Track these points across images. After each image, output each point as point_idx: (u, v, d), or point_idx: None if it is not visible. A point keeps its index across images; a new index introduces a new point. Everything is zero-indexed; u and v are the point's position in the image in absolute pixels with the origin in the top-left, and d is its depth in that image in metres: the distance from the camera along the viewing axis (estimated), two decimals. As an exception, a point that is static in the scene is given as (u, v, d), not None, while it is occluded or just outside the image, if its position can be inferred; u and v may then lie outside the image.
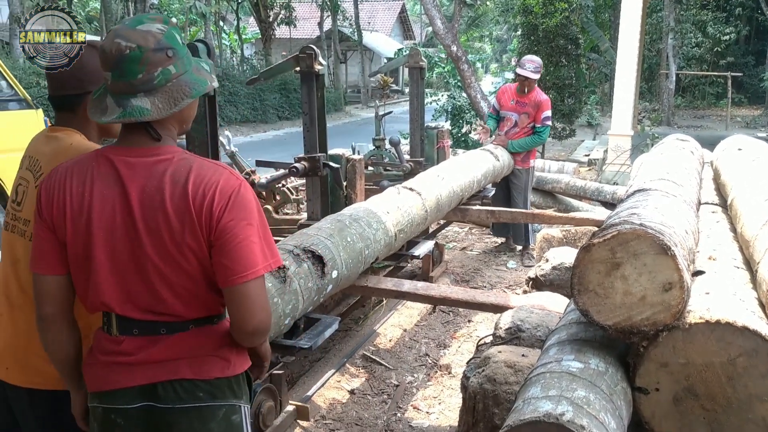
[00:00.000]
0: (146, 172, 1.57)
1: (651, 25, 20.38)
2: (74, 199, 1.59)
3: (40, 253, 1.63)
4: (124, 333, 1.62)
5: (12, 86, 6.43)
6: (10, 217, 1.88)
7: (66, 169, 1.62)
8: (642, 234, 1.93)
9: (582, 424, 1.69)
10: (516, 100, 6.07)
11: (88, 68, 1.84)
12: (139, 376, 1.61)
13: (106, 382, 1.63)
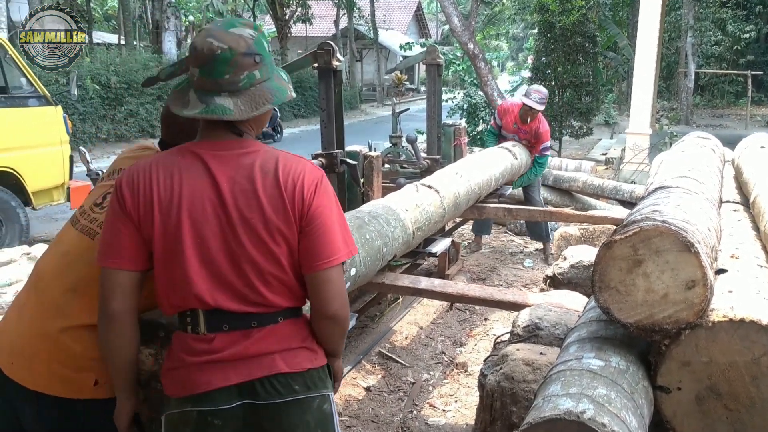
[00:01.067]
0: (234, 163, 1.62)
1: (669, 23, 20.19)
2: (162, 192, 1.60)
3: (116, 248, 1.60)
4: (213, 330, 1.63)
5: (32, 83, 6.50)
6: (87, 219, 1.88)
7: (149, 164, 1.63)
8: (665, 231, 1.91)
9: (603, 422, 1.67)
10: (518, 125, 5.98)
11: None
12: (235, 374, 1.61)
13: (199, 384, 1.61)
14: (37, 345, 1.74)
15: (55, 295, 1.77)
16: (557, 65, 11.75)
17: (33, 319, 1.77)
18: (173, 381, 1.65)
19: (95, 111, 14.84)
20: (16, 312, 1.83)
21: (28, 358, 1.74)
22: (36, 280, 1.84)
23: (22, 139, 6.34)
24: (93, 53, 17.47)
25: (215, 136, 1.64)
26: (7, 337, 1.79)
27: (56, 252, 1.87)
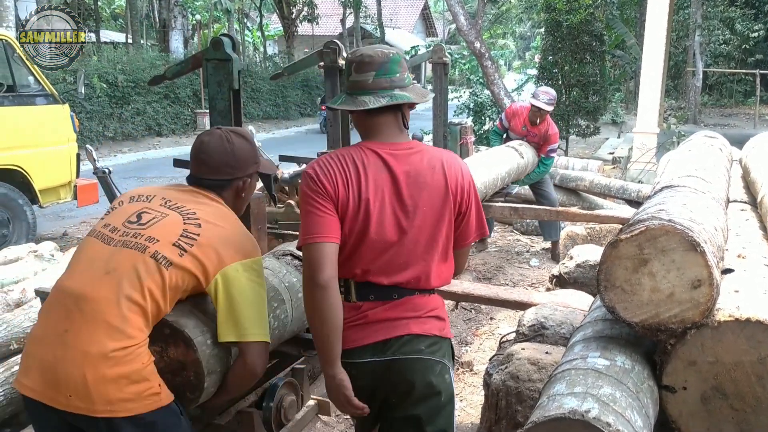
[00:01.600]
0: (406, 160, 1.95)
1: (677, 22, 20.12)
2: (353, 181, 1.90)
3: (322, 226, 1.86)
4: (362, 299, 1.97)
5: (39, 82, 6.52)
6: (127, 235, 1.83)
7: (339, 158, 1.93)
8: (671, 230, 1.90)
9: (608, 421, 1.67)
10: (527, 128, 5.95)
11: (241, 157, 2.07)
12: (374, 334, 1.95)
13: (347, 341, 1.93)
14: (97, 371, 1.67)
15: (109, 316, 1.71)
16: (564, 64, 11.72)
17: (87, 344, 1.69)
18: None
19: (102, 109, 14.89)
20: (58, 340, 1.72)
21: (91, 386, 1.67)
22: (79, 302, 1.73)
23: (29, 137, 6.36)
24: (100, 52, 17.54)
25: (386, 136, 1.97)
26: (56, 370, 1.69)
27: (96, 271, 1.77)
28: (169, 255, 1.79)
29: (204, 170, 2.03)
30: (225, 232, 1.90)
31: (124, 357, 1.70)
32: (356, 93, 1.95)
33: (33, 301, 3.89)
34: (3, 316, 3.76)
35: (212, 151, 2.03)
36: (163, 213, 1.89)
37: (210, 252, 1.83)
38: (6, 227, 6.26)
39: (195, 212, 1.90)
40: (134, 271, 1.75)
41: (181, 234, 1.83)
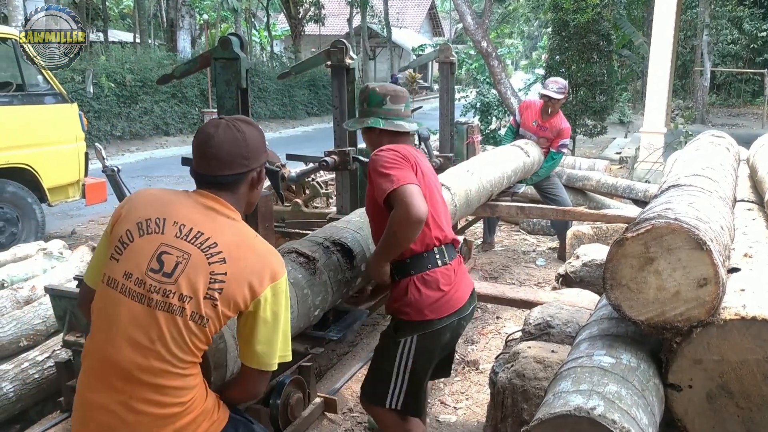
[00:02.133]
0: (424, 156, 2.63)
1: (685, 22, 20.03)
2: (416, 162, 2.45)
3: (412, 176, 2.33)
4: (451, 259, 2.50)
5: (48, 81, 6.56)
6: (149, 289, 1.68)
7: (404, 149, 2.44)
8: (677, 228, 1.91)
9: (613, 418, 1.68)
10: (538, 123, 5.89)
11: (252, 146, 1.87)
12: (467, 287, 2.56)
13: (458, 300, 2.48)
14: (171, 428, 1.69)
15: (167, 380, 1.68)
16: (571, 63, 11.70)
17: (154, 409, 1.67)
18: (434, 308, 2.40)
19: (110, 108, 14.95)
20: (122, 408, 1.67)
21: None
22: (133, 374, 1.67)
23: (38, 136, 6.40)
24: (108, 51, 17.61)
25: (407, 141, 2.59)
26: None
27: (140, 339, 1.67)
28: (205, 312, 1.68)
29: (215, 166, 1.81)
30: (250, 262, 1.75)
31: (191, 406, 1.71)
32: (392, 118, 2.56)
33: (42, 298, 3.92)
34: (12, 313, 3.79)
35: (222, 143, 1.82)
36: (185, 253, 1.70)
37: (240, 289, 1.72)
38: (15, 225, 6.30)
39: (215, 243, 1.73)
40: (179, 336, 1.67)
41: (209, 281, 1.69)
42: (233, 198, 1.85)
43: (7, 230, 6.25)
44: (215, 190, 1.83)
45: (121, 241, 1.74)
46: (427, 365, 2.49)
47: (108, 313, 1.71)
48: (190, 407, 1.71)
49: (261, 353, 1.78)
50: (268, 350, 1.78)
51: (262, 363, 1.79)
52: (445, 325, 2.42)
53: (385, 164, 2.34)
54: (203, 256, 1.71)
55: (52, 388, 3.41)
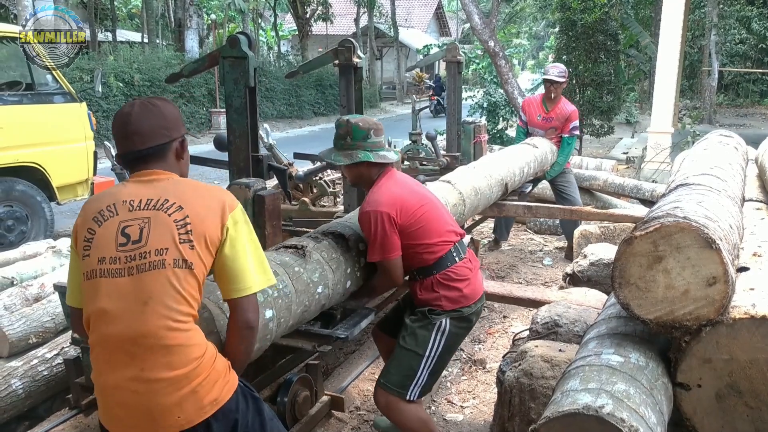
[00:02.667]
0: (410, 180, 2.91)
1: (693, 21, 19.95)
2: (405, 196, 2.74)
3: (396, 247, 2.67)
4: (465, 252, 2.78)
5: (57, 80, 6.59)
6: (125, 260, 1.74)
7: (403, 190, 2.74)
8: (686, 227, 1.90)
9: (622, 417, 1.68)
10: (542, 116, 5.84)
11: (171, 117, 1.94)
12: (481, 278, 2.86)
13: (479, 290, 2.78)
14: (185, 390, 1.72)
15: (171, 341, 1.72)
16: (578, 63, 11.67)
17: (166, 372, 1.70)
18: (463, 297, 2.69)
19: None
20: (136, 383, 1.70)
21: (185, 404, 1.72)
22: (138, 342, 1.70)
23: (47, 135, 6.43)
24: (116, 51, 17.68)
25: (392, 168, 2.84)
26: (149, 409, 1.71)
27: (133, 306, 1.72)
28: (186, 255, 1.75)
29: (138, 141, 1.87)
30: (203, 201, 1.84)
31: (200, 366, 1.74)
32: (377, 150, 2.77)
33: (51, 295, 3.94)
34: (22, 311, 3.81)
35: (141, 118, 1.88)
36: (143, 218, 1.79)
37: (206, 224, 1.80)
38: (25, 223, 6.34)
39: (166, 199, 1.81)
40: (170, 287, 1.73)
41: (176, 228, 1.77)
42: (165, 167, 1.91)
43: (17, 228, 6.28)
44: (144, 165, 1.89)
45: (86, 239, 1.81)
46: (453, 352, 2.81)
47: (94, 295, 1.76)
48: (200, 368, 1.74)
49: (239, 279, 1.83)
50: (244, 275, 1.84)
51: (243, 288, 1.84)
52: (473, 311, 2.73)
53: (374, 234, 2.64)
54: (160, 213, 1.79)
55: (60, 385, 3.43)
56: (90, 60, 15.34)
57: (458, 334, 2.73)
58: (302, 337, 2.75)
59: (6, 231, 6.21)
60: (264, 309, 2.20)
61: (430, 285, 2.70)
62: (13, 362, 3.45)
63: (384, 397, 2.71)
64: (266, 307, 2.23)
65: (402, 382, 2.68)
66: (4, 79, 6.85)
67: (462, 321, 2.71)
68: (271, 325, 2.27)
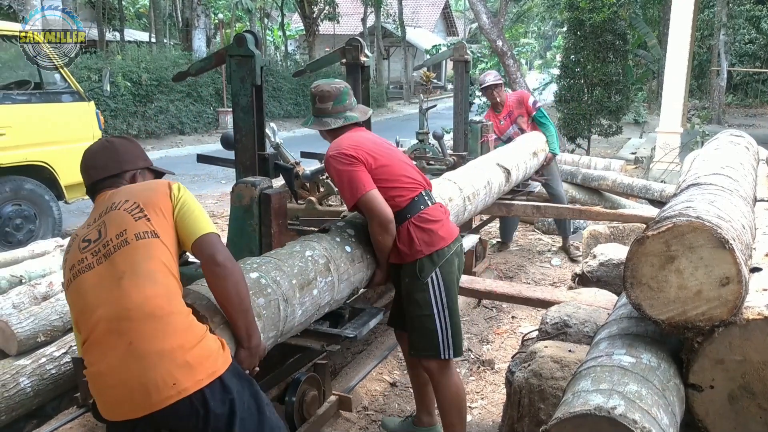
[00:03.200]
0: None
1: (702, 21, 19.84)
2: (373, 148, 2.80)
3: (366, 181, 2.68)
4: (435, 200, 2.89)
5: (65, 79, 6.61)
6: (93, 254, 1.87)
7: (360, 138, 2.82)
8: (699, 226, 1.88)
9: (634, 418, 1.66)
10: (502, 118, 6.01)
11: (123, 151, 2.17)
12: (455, 226, 2.94)
13: (454, 230, 2.88)
14: (179, 358, 1.73)
15: (156, 309, 1.76)
16: (587, 63, 11.62)
17: (157, 344, 1.73)
18: (441, 236, 2.77)
19: (126, 107, 15.04)
20: (126, 357, 1.72)
21: (177, 373, 1.73)
22: (122, 318, 1.75)
23: (55, 133, 6.45)
24: (124, 51, 17.71)
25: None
26: (143, 380, 1.71)
27: (110, 287, 1.80)
28: (146, 227, 1.89)
29: (93, 174, 2.10)
30: (147, 186, 2.05)
31: (192, 336, 1.78)
32: (321, 116, 2.89)
33: (59, 294, 3.95)
34: (30, 309, 3.82)
35: (94, 154, 2.14)
36: (99, 221, 1.95)
37: (155, 200, 1.96)
38: (33, 222, 6.35)
39: (113, 202, 1.98)
40: (141, 258, 1.82)
41: (129, 211, 1.92)
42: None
43: (25, 227, 6.30)
44: (101, 192, 2.09)
45: (65, 281, 1.96)
46: (455, 296, 2.86)
47: (77, 298, 1.87)
48: (192, 337, 1.77)
49: (194, 225, 1.96)
50: (198, 222, 1.97)
51: (199, 230, 1.95)
52: (454, 251, 2.82)
53: (340, 176, 2.71)
54: (112, 212, 1.94)
55: (68, 384, 3.44)
56: (98, 59, 15.37)
57: (450, 280, 2.80)
58: (311, 337, 2.74)
59: (14, 230, 6.23)
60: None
61: (406, 232, 2.76)
62: (21, 360, 3.46)
63: (426, 363, 2.86)
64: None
65: (429, 345, 2.80)
66: (13, 78, 6.88)
67: (447, 265, 2.78)
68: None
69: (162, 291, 1.80)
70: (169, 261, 1.88)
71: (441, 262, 2.76)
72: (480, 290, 3.59)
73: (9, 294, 4.01)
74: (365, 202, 2.69)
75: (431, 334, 2.79)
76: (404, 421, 3.25)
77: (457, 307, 2.86)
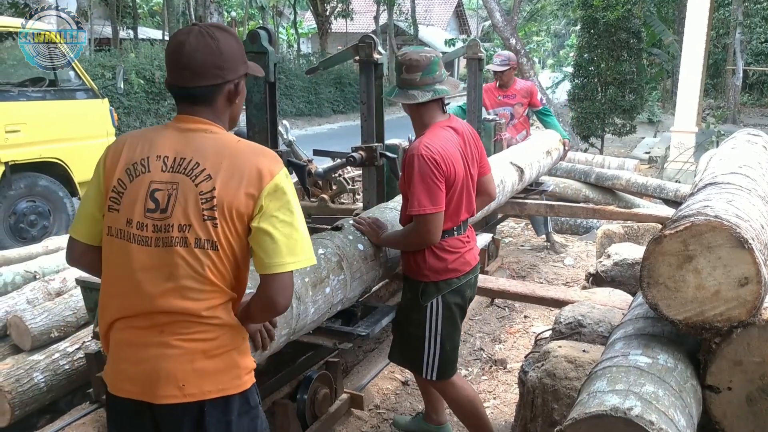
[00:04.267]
0: (459, 125, 2.74)
1: (718, 20, 19.67)
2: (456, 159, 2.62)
3: (441, 200, 2.54)
4: (466, 230, 2.76)
5: (80, 76, 6.65)
6: (152, 229, 1.66)
7: (452, 145, 2.62)
8: (717, 226, 1.86)
9: (651, 419, 1.64)
10: (502, 96, 6.05)
11: (227, 55, 1.73)
12: (475, 255, 2.81)
13: (467, 265, 2.71)
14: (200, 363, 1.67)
15: (193, 317, 1.67)
16: (600, 61, 11.55)
17: (189, 344, 1.66)
18: (454, 267, 2.65)
19: (139, 105, 15.13)
20: (154, 346, 1.67)
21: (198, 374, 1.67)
22: (160, 316, 1.66)
23: (69, 130, 6.48)
24: (138, 48, 17.80)
25: (437, 115, 2.71)
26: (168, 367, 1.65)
27: (157, 280, 1.66)
28: (210, 234, 1.64)
29: (187, 76, 1.71)
30: (237, 169, 1.67)
31: (219, 347, 1.69)
32: (406, 87, 2.63)
33: (73, 290, 3.96)
34: (44, 305, 3.84)
35: (194, 51, 1.69)
36: (172, 183, 1.66)
37: (235, 199, 1.65)
38: (47, 218, 6.40)
39: (198, 163, 1.67)
40: (191, 268, 1.65)
41: (201, 202, 1.64)
42: (211, 112, 1.75)
43: (39, 223, 6.34)
44: (190, 104, 1.75)
45: (115, 190, 1.70)
46: (455, 324, 2.75)
47: (119, 263, 1.68)
48: (219, 349, 1.68)
49: (270, 255, 1.66)
50: (276, 251, 1.66)
51: (273, 265, 1.66)
52: (466, 281, 2.71)
53: (423, 178, 2.51)
54: (189, 180, 1.66)
55: (81, 380, 3.45)
56: (112, 57, 15.47)
57: (453, 310, 2.69)
58: (323, 334, 2.74)
59: (29, 226, 6.28)
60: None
61: (422, 254, 2.65)
62: (35, 356, 3.47)
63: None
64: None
65: (412, 359, 2.78)
66: (28, 75, 6.92)
67: (453, 295, 2.68)
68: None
69: (207, 305, 1.67)
70: (225, 272, 1.69)
71: (446, 291, 2.66)
72: (493, 289, 3.57)
73: (23, 289, 4.03)
74: (428, 220, 2.52)
75: (417, 353, 2.73)
76: (415, 418, 3.25)
77: (455, 335, 2.77)
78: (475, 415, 2.85)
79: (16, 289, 4.08)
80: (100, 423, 3.09)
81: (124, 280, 1.68)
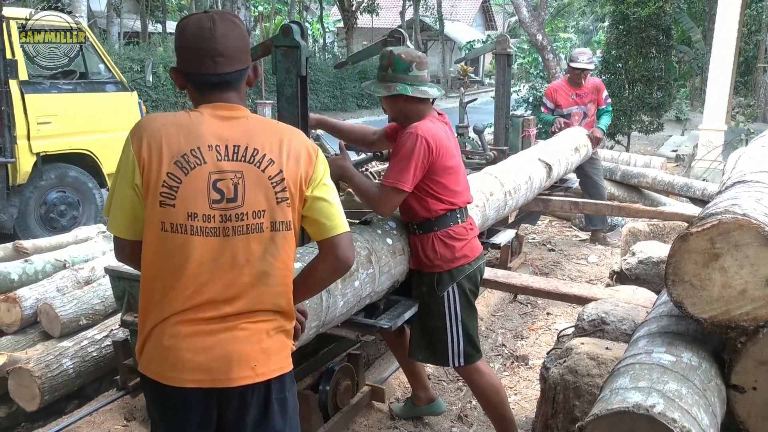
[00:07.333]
0: (444, 118, 2.84)
1: (750, 17, 19.30)
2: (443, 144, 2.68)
3: (413, 181, 2.62)
4: (467, 217, 2.82)
5: (110, 70, 6.75)
6: (221, 220, 1.63)
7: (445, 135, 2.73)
8: (745, 224, 1.84)
9: (673, 417, 1.63)
10: (575, 94, 6.08)
11: (247, 38, 1.77)
12: (478, 244, 2.86)
13: (474, 251, 2.80)
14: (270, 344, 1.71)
15: (266, 304, 1.70)
16: (629, 58, 11.41)
17: (260, 326, 1.69)
18: (464, 254, 2.74)
19: (167, 98, 15.31)
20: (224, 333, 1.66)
21: (265, 354, 1.70)
22: (232, 302, 1.66)
23: (99, 122, 6.59)
24: (166, 42, 17.99)
25: (430, 108, 2.80)
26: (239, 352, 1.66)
27: (230, 267, 1.65)
28: (284, 216, 1.68)
29: (221, 63, 1.69)
30: (292, 151, 1.72)
31: (282, 327, 1.76)
32: (417, 84, 2.67)
33: (101, 279, 4.04)
34: (73, 293, 3.91)
35: (225, 37, 1.68)
36: (235, 172, 1.65)
37: (298, 179, 1.71)
38: (76, 209, 6.52)
39: (255, 149, 1.68)
40: (267, 252, 1.67)
41: (272, 186, 1.67)
42: (238, 97, 1.77)
43: (69, 213, 6.46)
44: (219, 91, 1.73)
45: (167, 185, 1.63)
46: (472, 310, 2.84)
47: (179, 257, 1.64)
48: (273, 330, 1.72)
49: (333, 217, 1.77)
50: (338, 214, 1.78)
51: (338, 225, 1.76)
52: (475, 268, 2.80)
53: (406, 154, 2.60)
54: (253, 167, 1.67)
55: (109, 367, 3.52)
56: (141, 51, 15.65)
57: (468, 295, 2.79)
58: (345, 326, 2.76)
59: (59, 216, 6.40)
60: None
61: (431, 244, 2.74)
62: (64, 342, 3.55)
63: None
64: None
65: (435, 354, 2.85)
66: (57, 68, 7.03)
67: (466, 281, 2.77)
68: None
69: (274, 291, 1.71)
70: (292, 253, 1.74)
71: (460, 278, 2.76)
72: (516, 285, 3.57)
73: (53, 278, 4.11)
74: (392, 195, 2.63)
75: (441, 346, 2.81)
76: (405, 405, 3.32)
77: (474, 318, 2.87)
78: (499, 404, 2.89)
79: (47, 277, 4.16)
80: (126, 409, 3.15)
81: (185, 273, 1.64)
